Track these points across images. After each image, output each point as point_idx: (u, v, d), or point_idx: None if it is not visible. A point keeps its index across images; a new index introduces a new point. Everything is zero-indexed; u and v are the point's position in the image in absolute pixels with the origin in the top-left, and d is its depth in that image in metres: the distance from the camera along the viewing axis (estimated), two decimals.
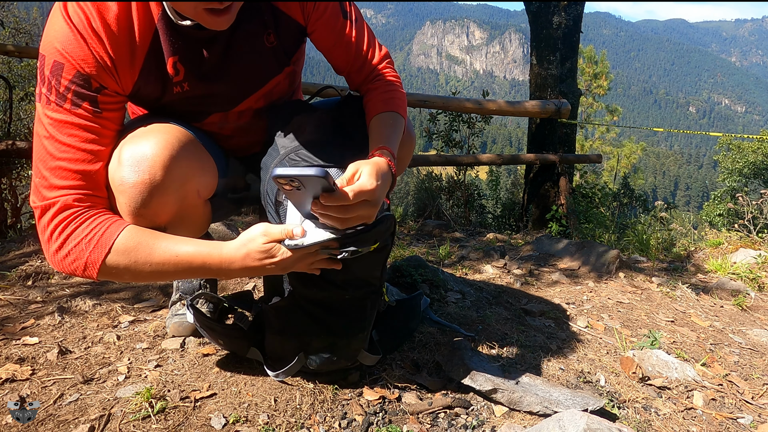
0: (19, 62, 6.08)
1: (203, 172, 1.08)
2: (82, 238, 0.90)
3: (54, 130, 0.90)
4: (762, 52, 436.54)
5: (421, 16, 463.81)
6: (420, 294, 1.47)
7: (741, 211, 3.44)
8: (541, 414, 1.12)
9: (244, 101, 1.16)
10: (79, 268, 0.91)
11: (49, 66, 0.88)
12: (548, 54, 4.92)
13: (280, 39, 1.11)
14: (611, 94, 31.35)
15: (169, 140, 0.98)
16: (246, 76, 1.11)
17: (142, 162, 0.94)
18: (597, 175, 10.78)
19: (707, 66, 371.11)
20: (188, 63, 1.02)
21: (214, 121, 1.17)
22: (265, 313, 1.18)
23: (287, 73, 1.18)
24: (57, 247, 0.91)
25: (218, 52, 1.04)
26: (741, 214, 3.40)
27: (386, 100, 1.15)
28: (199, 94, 1.07)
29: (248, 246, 0.92)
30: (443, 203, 4.86)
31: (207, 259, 0.92)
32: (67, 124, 0.90)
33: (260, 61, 1.11)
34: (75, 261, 0.90)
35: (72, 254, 0.90)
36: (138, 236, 0.92)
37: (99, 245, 0.90)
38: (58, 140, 0.90)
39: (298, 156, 1.03)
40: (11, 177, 3.82)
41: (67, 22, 0.88)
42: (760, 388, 1.42)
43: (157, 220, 0.99)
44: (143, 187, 0.94)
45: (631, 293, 2.11)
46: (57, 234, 0.90)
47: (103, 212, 0.94)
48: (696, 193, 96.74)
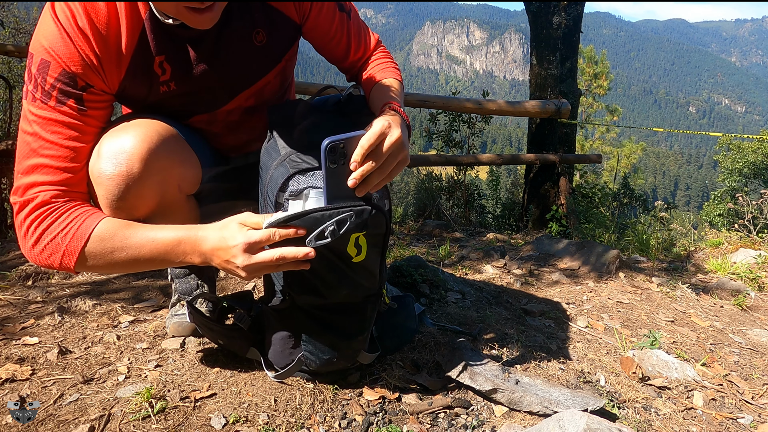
0: (19, 62, 6.08)
1: (184, 166, 1.08)
2: (59, 232, 0.90)
3: (38, 127, 0.91)
4: (762, 52, 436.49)
5: (421, 16, 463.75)
6: (409, 295, 1.48)
7: (741, 211, 3.44)
8: (541, 414, 1.12)
9: (232, 100, 1.16)
10: (55, 261, 0.91)
11: (36, 64, 0.89)
12: (548, 54, 4.92)
13: (272, 38, 1.11)
14: (611, 94, 31.37)
15: (148, 134, 0.98)
16: (234, 75, 1.11)
17: (120, 154, 0.95)
18: (597, 175, 10.77)
19: (707, 66, 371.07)
20: (175, 62, 1.02)
21: (202, 119, 1.17)
22: (265, 314, 1.18)
23: (277, 72, 1.18)
24: (33, 242, 0.91)
25: (205, 51, 1.04)
26: (741, 214, 3.40)
27: (383, 69, 1.22)
28: (185, 92, 1.07)
29: (222, 231, 0.92)
30: (443, 203, 4.86)
31: (182, 240, 0.92)
32: (51, 122, 0.91)
33: (249, 60, 1.11)
34: (51, 255, 0.91)
35: (48, 249, 0.91)
36: (115, 226, 0.93)
37: (75, 237, 0.91)
38: (41, 137, 0.91)
39: (300, 158, 1.03)
40: (11, 177, 3.82)
41: (54, 21, 0.89)
42: (760, 388, 1.42)
43: (136, 213, 0.99)
44: (120, 180, 0.95)
45: (631, 293, 2.11)
46: (33, 229, 0.91)
47: (81, 205, 0.94)
48: (696, 193, 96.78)
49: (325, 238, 0.93)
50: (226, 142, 1.25)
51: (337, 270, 1.03)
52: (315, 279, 1.03)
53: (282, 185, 0.99)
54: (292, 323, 1.13)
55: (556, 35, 4.91)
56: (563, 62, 4.97)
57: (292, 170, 0.99)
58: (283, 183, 0.99)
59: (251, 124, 1.23)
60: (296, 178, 0.99)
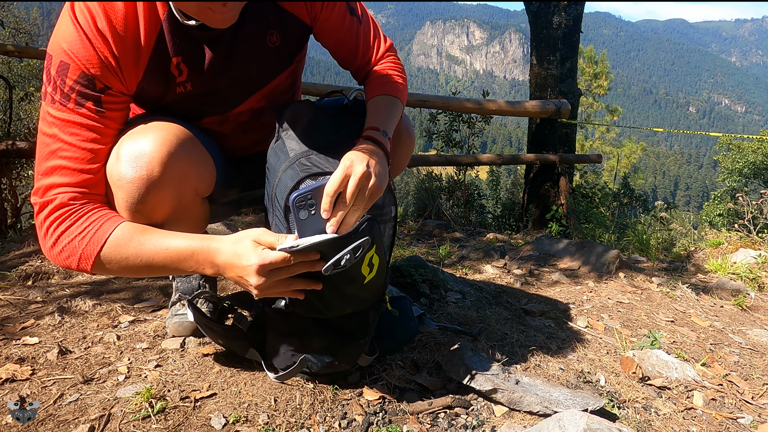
0: (19, 62, 6.08)
1: (201, 169, 1.08)
2: (76, 235, 0.91)
3: (57, 129, 0.91)
4: (762, 52, 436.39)
5: (421, 16, 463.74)
6: (405, 297, 1.48)
7: (741, 211, 3.44)
8: (541, 414, 1.12)
9: (245, 101, 1.16)
10: (73, 262, 0.93)
11: (56, 66, 0.90)
12: (548, 54, 4.92)
13: (285, 39, 1.12)
14: (611, 94, 31.35)
15: (167, 137, 0.98)
16: (248, 76, 1.12)
17: (140, 158, 0.95)
18: (597, 175, 10.77)
19: (707, 66, 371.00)
20: (192, 63, 1.03)
21: (214, 120, 1.17)
22: (268, 315, 1.18)
23: (289, 73, 1.19)
24: (52, 243, 0.93)
25: (221, 52, 1.04)
26: (741, 214, 3.40)
27: (381, 84, 1.18)
28: (201, 93, 1.08)
29: (236, 246, 0.90)
30: (443, 203, 4.86)
31: (196, 251, 0.92)
32: (69, 123, 0.91)
33: (263, 61, 1.11)
34: (69, 257, 0.92)
35: (66, 250, 0.92)
36: (131, 232, 0.93)
37: (92, 242, 0.91)
38: (60, 139, 0.91)
39: (309, 161, 1.03)
40: (11, 177, 3.82)
41: (73, 22, 0.89)
42: (760, 388, 1.42)
43: (154, 217, 0.99)
44: (140, 183, 0.94)
45: (631, 293, 2.11)
46: (52, 230, 0.92)
47: (99, 208, 0.95)
48: (696, 193, 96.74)
49: (342, 267, 0.92)
50: (234, 143, 1.26)
51: (346, 294, 1.04)
52: (321, 304, 1.03)
53: (292, 189, 0.99)
54: (294, 325, 1.13)
55: (556, 35, 4.91)
56: (563, 62, 4.97)
57: (302, 174, 1.00)
58: (293, 187, 0.99)
59: (260, 125, 1.24)
60: (306, 182, 0.99)
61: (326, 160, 1.04)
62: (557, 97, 4.76)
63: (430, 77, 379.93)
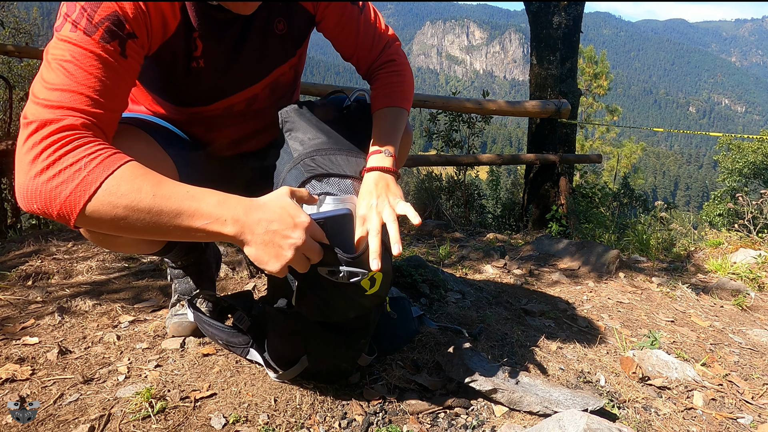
0: (19, 62, 6.08)
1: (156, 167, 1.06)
2: (83, 156, 0.77)
3: (77, 56, 0.81)
4: (762, 52, 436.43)
5: (421, 16, 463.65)
6: (404, 297, 1.48)
7: (741, 211, 3.45)
8: (541, 414, 1.12)
9: (250, 87, 1.17)
10: (62, 193, 0.76)
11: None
12: (548, 54, 4.92)
13: (291, 27, 1.14)
14: (611, 94, 31.33)
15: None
16: (255, 61, 1.13)
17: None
18: (597, 175, 10.78)
19: (707, 66, 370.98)
20: (207, 40, 1.04)
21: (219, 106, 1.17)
22: (270, 315, 1.18)
23: (292, 64, 1.21)
24: (43, 168, 0.76)
25: (234, 35, 1.07)
26: (741, 214, 3.41)
27: (387, 94, 1.19)
28: (210, 71, 1.09)
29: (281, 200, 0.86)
30: (443, 203, 4.86)
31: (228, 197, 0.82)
32: (91, 54, 0.82)
33: (270, 47, 1.13)
34: (60, 185, 0.75)
35: (60, 176, 0.76)
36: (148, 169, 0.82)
37: (103, 164, 0.78)
38: (80, 66, 0.81)
39: (314, 162, 1.03)
40: (11, 177, 3.82)
41: None
42: (760, 388, 1.42)
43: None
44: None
45: (631, 293, 2.11)
46: (51, 151, 0.76)
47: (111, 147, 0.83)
48: (696, 193, 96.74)
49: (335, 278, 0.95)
50: (232, 133, 1.26)
51: (350, 300, 1.04)
52: (326, 308, 1.04)
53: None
54: (294, 325, 1.13)
55: (556, 35, 4.91)
56: (563, 62, 4.97)
57: (307, 174, 1.00)
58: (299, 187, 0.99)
59: (260, 115, 1.25)
60: (312, 183, 0.99)
61: (330, 161, 1.04)
62: (557, 97, 4.77)
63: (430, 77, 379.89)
